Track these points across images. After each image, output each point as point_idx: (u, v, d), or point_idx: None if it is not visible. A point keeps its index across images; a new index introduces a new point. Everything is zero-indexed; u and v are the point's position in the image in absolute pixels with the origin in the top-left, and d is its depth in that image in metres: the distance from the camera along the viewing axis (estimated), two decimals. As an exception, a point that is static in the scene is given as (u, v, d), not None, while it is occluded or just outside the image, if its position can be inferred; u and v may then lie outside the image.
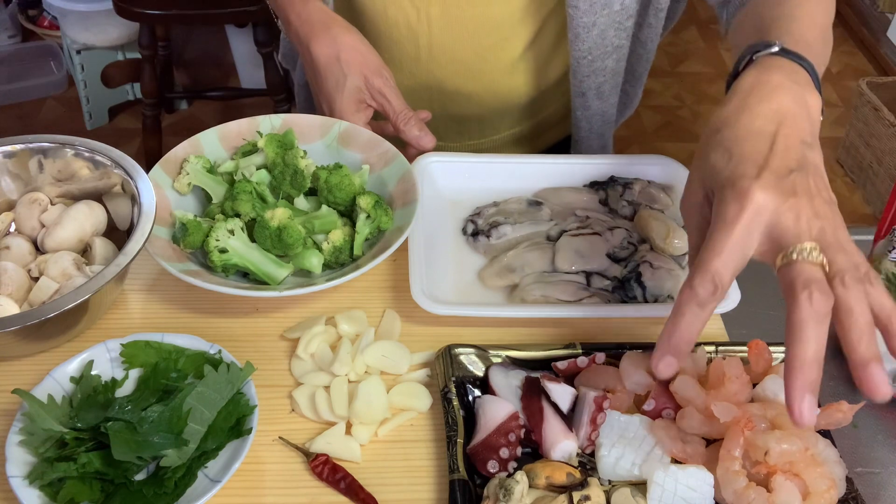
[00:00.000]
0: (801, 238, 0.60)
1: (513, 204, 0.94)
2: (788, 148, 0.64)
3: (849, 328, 0.58)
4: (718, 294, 0.60)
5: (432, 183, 0.95)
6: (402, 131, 0.97)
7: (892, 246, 0.83)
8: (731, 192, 0.62)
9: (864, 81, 2.67)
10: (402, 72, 1.00)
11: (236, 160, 0.91)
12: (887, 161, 2.56)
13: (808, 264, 0.59)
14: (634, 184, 0.95)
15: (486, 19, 1.03)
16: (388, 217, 0.86)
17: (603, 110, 1.11)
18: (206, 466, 0.68)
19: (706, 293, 0.60)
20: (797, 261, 0.59)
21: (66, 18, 2.65)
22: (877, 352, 0.58)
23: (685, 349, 0.62)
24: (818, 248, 0.60)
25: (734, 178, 0.62)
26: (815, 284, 0.58)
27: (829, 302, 0.58)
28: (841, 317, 0.59)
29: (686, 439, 0.71)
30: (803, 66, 0.71)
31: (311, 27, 0.98)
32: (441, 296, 0.83)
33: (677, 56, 3.32)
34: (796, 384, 0.57)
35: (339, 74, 0.96)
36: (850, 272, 0.59)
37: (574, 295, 0.84)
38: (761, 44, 0.73)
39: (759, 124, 0.65)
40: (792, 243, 0.60)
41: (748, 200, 0.60)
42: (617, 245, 0.89)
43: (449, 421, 0.72)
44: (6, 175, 0.87)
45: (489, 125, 1.18)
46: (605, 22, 1.00)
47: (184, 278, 0.77)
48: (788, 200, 0.61)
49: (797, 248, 0.60)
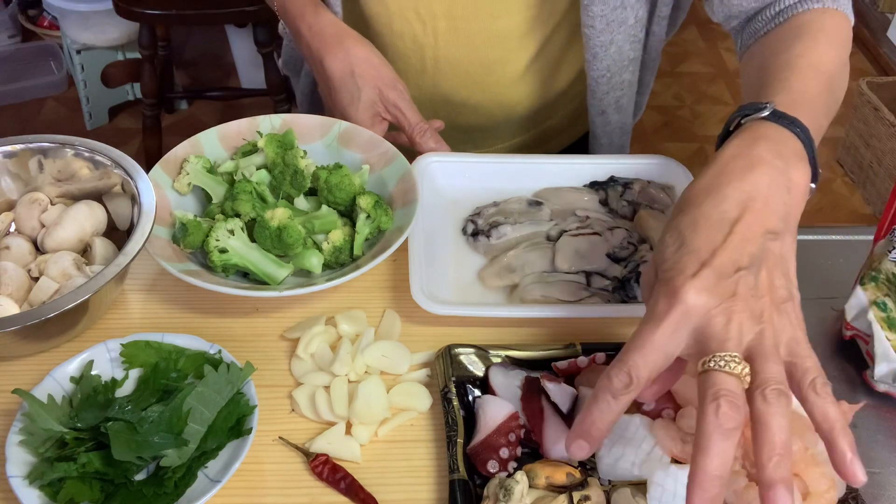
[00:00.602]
0: (726, 345, 0.57)
1: (513, 204, 0.94)
2: (746, 240, 0.60)
3: (761, 445, 0.55)
4: (633, 388, 0.58)
5: (432, 183, 0.95)
6: (419, 143, 0.98)
7: (892, 246, 0.83)
8: (665, 288, 0.60)
9: (864, 81, 2.67)
10: (408, 84, 1.01)
11: (236, 160, 0.91)
12: (887, 161, 2.56)
13: (724, 374, 0.56)
14: (634, 184, 0.95)
15: (493, 33, 1.03)
16: (388, 217, 0.86)
17: (622, 123, 1.11)
18: (206, 466, 0.68)
19: (620, 385, 0.58)
20: (713, 369, 0.57)
21: (66, 18, 2.65)
22: (787, 475, 0.54)
23: (597, 436, 0.60)
24: (739, 358, 0.57)
25: (673, 273, 0.60)
26: (725, 398, 0.55)
27: (738, 416, 0.55)
28: (756, 431, 0.56)
29: (686, 439, 0.71)
30: (795, 132, 0.67)
31: (323, 41, 0.98)
32: (441, 295, 0.83)
33: (677, 56, 3.32)
34: (694, 499, 0.55)
35: (354, 88, 0.97)
36: (773, 385, 0.56)
37: (574, 295, 0.84)
38: (751, 106, 0.70)
39: (723, 209, 0.62)
40: (715, 350, 0.57)
41: (678, 300, 0.58)
42: (617, 245, 0.89)
43: (449, 421, 0.72)
44: (6, 175, 0.87)
45: (494, 135, 1.18)
46: (622, 38, 1.00)
47: (184, 278, 0.77)
48: (723, 303, 0.58)
49: (715, 357, 0.57)
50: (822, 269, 0.94)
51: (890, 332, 0.81)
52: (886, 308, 0.82)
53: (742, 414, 0.55)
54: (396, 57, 1.07)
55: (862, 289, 0.84)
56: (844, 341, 0.86)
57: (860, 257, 0.89)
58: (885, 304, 0.82)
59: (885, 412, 0.80)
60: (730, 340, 0.57)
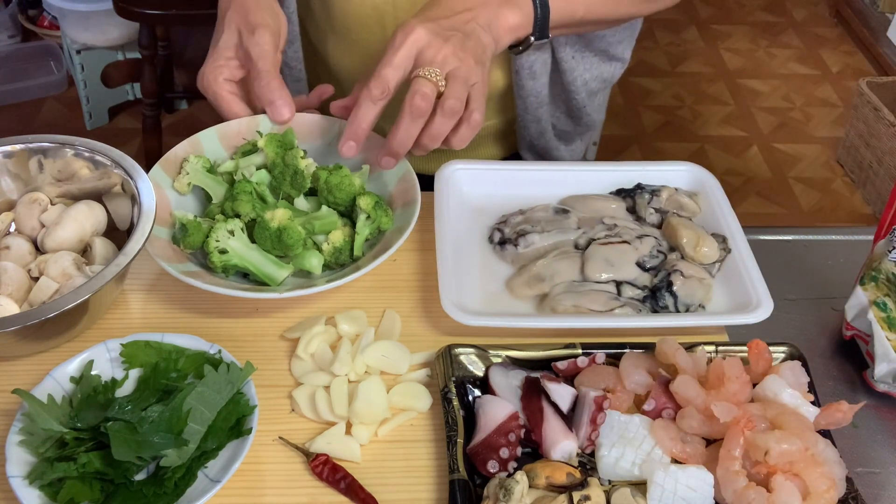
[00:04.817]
0: (433, 65, 0.81)
1: (539, 212, 0.93)
2: (464, 21, 0.84)
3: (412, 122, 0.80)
4: (385, 94, 0.81)
5: (458, 191, 0.95)
6: (256, 95, 0.90)
7: (892, 246, 0.83)
8: (402, 27, 0.82)
9: (864, 81, 2.67)
10: (370, 52, 0.99)
11: (236, 160, 0.91)
12: (887, 161, 2.56)
13: (425, 80, 0.80)
14: (662, 191, 0.94)
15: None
16: (389, 218, 0.86)
17: (536, 90, 1.07)
18: (206, 466, 0.68)
19: (378, 93, 0.81)
20: (419, 76, 0.80)
21: (66, 18, 2.65)
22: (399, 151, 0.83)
23: (362, 135, 0.83)
24: (440, 73, 0.80)
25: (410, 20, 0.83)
26: (420, 94, 0.79)
27: (427, 108, 0.79)
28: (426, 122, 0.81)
29: (686, 439, 0.71)
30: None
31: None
32: (470, 305, 0.82)
33: (677, 56, 3.32)
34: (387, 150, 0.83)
35: (219, 31, 0.92)
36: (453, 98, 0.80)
37: (605, 305, 0.83)
38: None
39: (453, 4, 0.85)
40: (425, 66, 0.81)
41: (410, 31, 0.81)
42: (646, 254, 0.88)
43: (449, 421, 0.72)
44: (6, 175, 0.87)
45: None
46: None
47: (184, 279, 0.77)
48: (438, 42, 0.81)
49: (424, 68, 0.80)
50: (822, 269, 0.94)
51: (890, 332, 0.81)
52: (886, 308, 0.82)
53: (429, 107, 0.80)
54: (358, 25, 1.04)
55: (862, 289, 0.84)
56: (844, 341, 0.86)
57: (860, 257, 0.89)
58: (885, 304, 0.82)
59: (885, 412, 0.80)
60: (435, 61, 0.81)
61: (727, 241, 0.89)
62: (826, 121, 3.00)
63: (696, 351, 0.77)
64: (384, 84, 0.81)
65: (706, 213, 0.94)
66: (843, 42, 3.44)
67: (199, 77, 0.91)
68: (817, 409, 0.72)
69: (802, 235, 0.99)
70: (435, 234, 0.87)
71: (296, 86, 1.11)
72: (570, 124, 1.14)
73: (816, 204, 2.68)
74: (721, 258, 0.88)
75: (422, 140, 0.82)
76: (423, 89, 0.80)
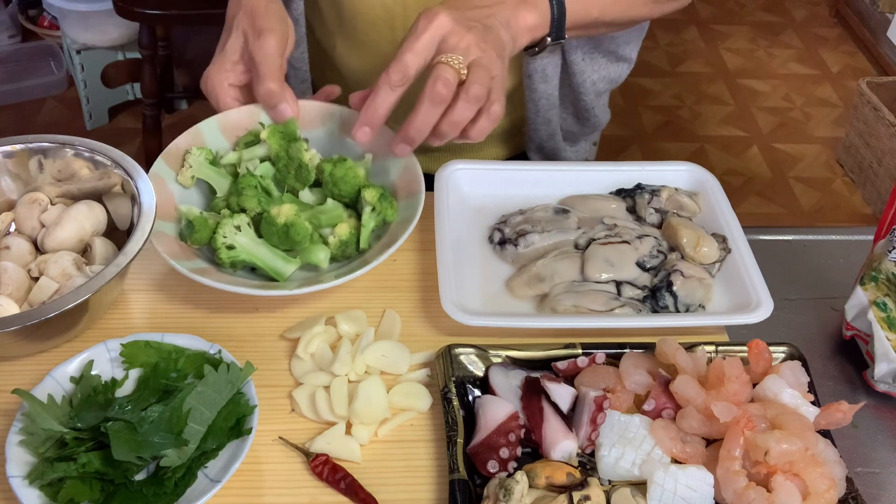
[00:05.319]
0: (455, 52, 0.79)
1: (539, 212, 0.93)
2: (487, 16, 0.83)
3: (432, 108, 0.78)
4: (405, 80, 0.80)
5: (457, 191, 0.95)
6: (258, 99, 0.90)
7: (892, 246, 0.83)
8: (425, 14, 0.81)
9: (864, 81, 2.67)
10: (379, 53, 0.99)
11: (239, 151, 0.91)
12: (887, 161, 2.56)
13: (447, 66, 0.78)
14: (662, 191, 0.94)
15: None
16: (393, 209, 0.85)
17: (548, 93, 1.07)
18: (206, 466, 0.68)
19: (398, 78, 0.79)
20: (441, 62, 0.78)
21: (66, 18, 2.65)
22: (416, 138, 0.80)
23: (377, 122, 0.81)
24: (462, 60, 0.78)
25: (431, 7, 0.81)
26: (443, 80, 0.77)
27: (448, 94, 0.77)
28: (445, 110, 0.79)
29: (686, 439, 0.71)
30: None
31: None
32: (470, 305, 0.82)
33: (677, 56, 3.32)
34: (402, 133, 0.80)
35: (226, 35, 0.91)
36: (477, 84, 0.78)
37: (605, 305, 0.83)
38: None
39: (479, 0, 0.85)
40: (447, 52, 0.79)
41: (434, 17, 0.80)
42: (646, 254, 0.88)
43: (449, 421, 0.72)
44: (6, 175, 0.87)
45: None
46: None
47: (194, 277, 0.77)
48: (461, 30, 0.80)
49: (447, 55, 0.79)
50: (822, 269, 0.94)
51: (890, 332, 0.81)
52: (886, 308, 0.82)
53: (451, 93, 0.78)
54: (368, 26, 1.04)
55: (862, 289, 0.84)
56: (844, 341, 0.86)
57: (860, 257, 0.89)
58: (885, 304, 0.82)
59: (885, 412, 0.80)
60: (458, 49, 0.79)
61: (727, 241, 0.89)
62: (826, 121, 3.00)
63: (696, 351, 0.77)
64: (404, 69, 0.79)
65: (706, 213, 0.94)
66: (843, 42, 3.44)
67: (204, 79, 0.91)
68: (817, 409, 0.72)
69: (802, 235, 0.99)
70: (435, 234, 0.87)
71: (301, 87, 1.11)
72: (577, 125, 1.15)
73: (816, 204, 2.69)
74: (721, 258, 0.88)
75: (440, 127, 0.80)
76: (444, 75, 0.77)
